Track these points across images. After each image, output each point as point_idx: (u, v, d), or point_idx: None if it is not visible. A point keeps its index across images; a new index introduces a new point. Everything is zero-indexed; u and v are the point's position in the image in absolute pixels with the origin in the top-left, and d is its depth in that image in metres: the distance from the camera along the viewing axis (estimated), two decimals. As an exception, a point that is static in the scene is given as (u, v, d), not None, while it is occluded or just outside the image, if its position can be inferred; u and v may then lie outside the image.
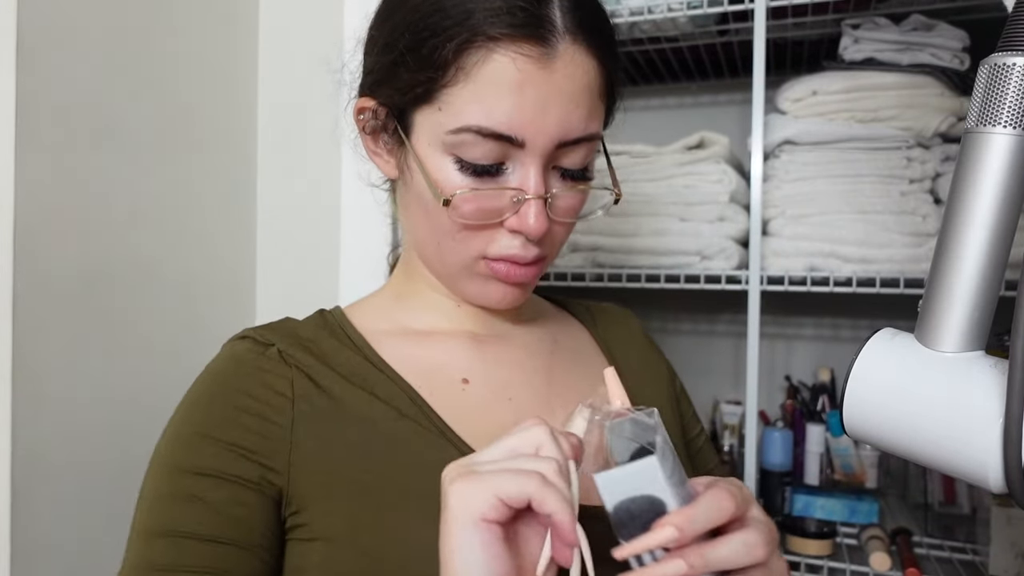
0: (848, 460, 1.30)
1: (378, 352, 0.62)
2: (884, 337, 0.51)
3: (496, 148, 0.55)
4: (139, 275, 0.96)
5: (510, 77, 0.53)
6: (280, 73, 1.19)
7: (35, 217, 0.81)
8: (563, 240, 0.63)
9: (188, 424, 0.58)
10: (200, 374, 0.61)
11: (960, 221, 0.46)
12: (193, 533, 0.53)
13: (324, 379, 0.59)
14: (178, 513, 0.54)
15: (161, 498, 0.56)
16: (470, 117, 0.54)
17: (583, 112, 0.56)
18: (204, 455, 0.55)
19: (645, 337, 0.80)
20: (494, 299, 0.62)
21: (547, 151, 0.56)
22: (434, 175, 0.57)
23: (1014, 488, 0.42)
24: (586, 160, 0.60)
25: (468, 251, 0.60)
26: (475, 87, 0.54)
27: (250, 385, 0.58)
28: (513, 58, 0.53)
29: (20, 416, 0.80)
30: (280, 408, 0.57)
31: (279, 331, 0.62)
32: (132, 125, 0.95)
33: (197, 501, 0.54)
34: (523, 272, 0.60)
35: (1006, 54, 0.45)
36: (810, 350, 1.58)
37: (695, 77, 1.55)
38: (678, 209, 1.26)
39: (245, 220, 1.18)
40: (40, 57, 0.82)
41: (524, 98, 0.53)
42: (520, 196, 0.56)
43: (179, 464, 0.56)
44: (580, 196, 0.61)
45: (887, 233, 1.14)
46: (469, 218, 0.57)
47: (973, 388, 0.45)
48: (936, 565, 1.16)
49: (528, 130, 0.54)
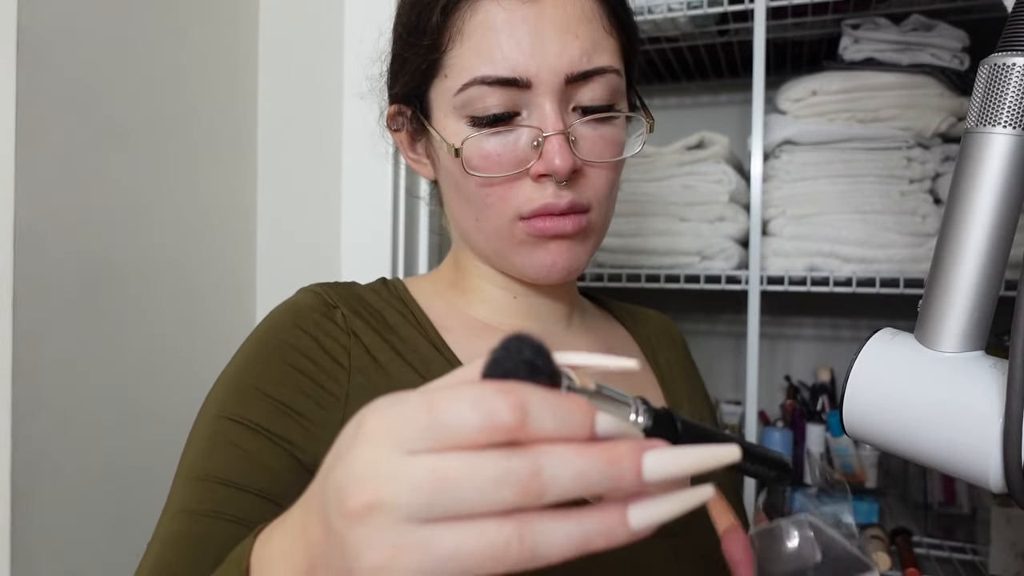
0: (848, 460, 1.30)
1: (441, 335, 0.61)
2: (884, 337, 0.51)
3: (504, 95, 0.54)
4: (139, 275, 0.96)
5: (500, 20, 0.54)
6: (280, 73, 1.19)
7: (35, 217, 0.81)
8: (608, 189, 0.60)
9: (242, 376, 0.57)
10: (262, 322, 0.60)
11: (960, 221, 0.46)
12: (226, 479, 0.53)
13: (382, 354, 0.58)
14: (215, 458, 0.54)
15: (203, 441, 0.55)
16: (473, 70, 0.54)
17: (584, 43, 0.55)
18: (253, 408, 0.55)
19: (685, 348, 0.78)
20: (544, 266, 0.59)
21: (556, 87, 0.55)
22: (450, 140, 0.57)
23: (1014, 488, 0.42)
24: (607, 98, 0.57)
25: (504, 215, 0.58)
26: (471, 42, 0.54)
27: (309, 346, 0.57)
28: (498, 0, 0.54)
29: (20, 416, 0.80)
30: (337, 377, 0.56)
31: (345, 294, 0.61)
32: (132, 125, 0.95)
33: (235, 448, 0.54)
34: (563, 223, 0.57)
35: (1006, 54, 0.45)
36: (810, 350, 1.58)
37: (695, 77, 1.56)
38: (678, 209, 1.26)
39: (245, 220, 1.18)
40: (40, 57, 0.82)
41: (518, 38, 0.54)
42: (539, 137, 0.55)
43: (226, 411, 0.55)
44: (610, 134, 0.58)
45: (887, 233, 1.14)
46: (489, 169, 0.56)
47: (973, 388, 0.45)
48: (936, 565, 1.16)
49: (530, 68, 0.54)
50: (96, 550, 0.89)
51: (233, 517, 0.52)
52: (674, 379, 0.71)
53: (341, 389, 0.56)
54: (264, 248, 1.20)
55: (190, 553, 0.52)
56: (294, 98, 1.18)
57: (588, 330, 0.70)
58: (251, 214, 1.19)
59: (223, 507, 0.52)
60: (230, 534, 0.52)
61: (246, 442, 0.54)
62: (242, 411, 0.55)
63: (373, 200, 1.14)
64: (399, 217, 1.14)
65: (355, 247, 1.15)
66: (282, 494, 0.54)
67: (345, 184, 1.15)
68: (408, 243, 1.16)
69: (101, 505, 0.90)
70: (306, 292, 0.62)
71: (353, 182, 1.15)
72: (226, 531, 0.52)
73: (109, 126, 0.91)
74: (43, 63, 0.82)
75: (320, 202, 1.17)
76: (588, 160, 0.57)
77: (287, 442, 0.55)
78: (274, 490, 0.53)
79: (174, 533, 0.53)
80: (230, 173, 1.14)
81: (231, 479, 0.53)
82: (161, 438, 0.97)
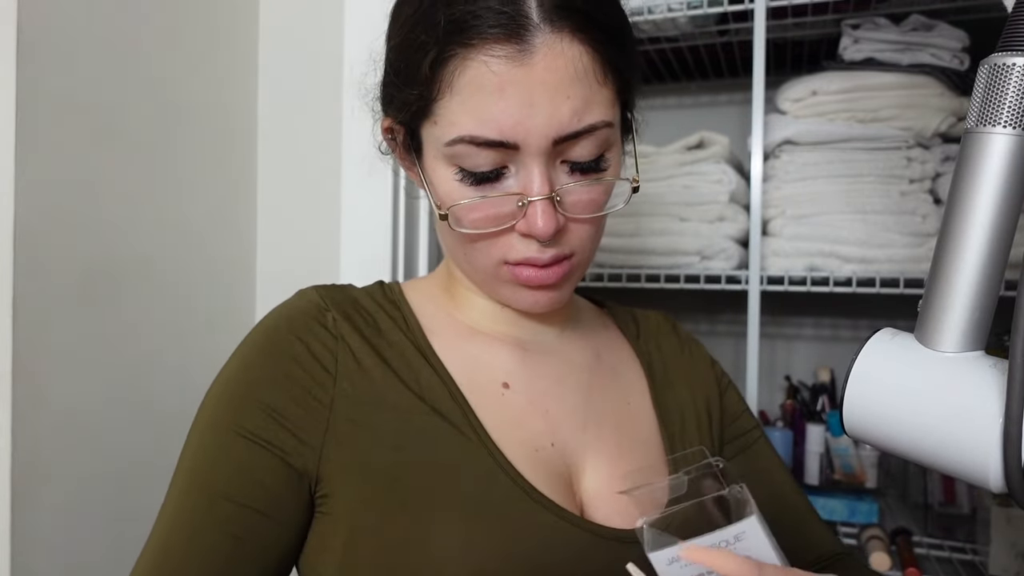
0: (848, 460, 1.30)
1: (429, 340, 0.62)
2: (884, 337, 0.51)
3: (493, 154, 0.54)
4: (139, 275, 0.96)
5: (488, 81, 0.51)
6: (280, 73, 1.19)
7: (35, 217, 0.81)
8: (592, 237, 0.60)
9: (237, 382, 0.58)
10: (257, 325, 0.61)
11: (960, 221, 0.46)
12: (227, 494, 0.54)
13: (367, 359, 0.59)
14: (211, 469, 0.55)
15: (201, 451, 0.56)
16: (461, 128, 0.53)
17: (575, 104, 0.53)
18: (245, 415, 0.56)
19: (687, 345, 0.77)
20: (527, 304, 0.61)
21: (544, 149, 0.53)
22: (439, 187, 0.57)
23: (1014, 488, 0.42)
24: (597, 151, 0.56)
25: (490, 258, 0.59)
26: (460, 97, 0.52)
27: (299, 351, 0.58)
28: (486, 61, 0.51)
29: (20, 416, 0.80)
30: (323, 384, 0.57)
31: (340, 297, 0.62)
32: (132, 124, 0.95)
33: (230, 461, 0.55)
34: (545, 274, 0.58)
35: (1006, 54, 0.45)
36: (810, 350, 1.58)
37: (695, 77, 1.56)
38: (678, 209, 1.26)
39: (245, 220, 1.18)
40: (40, 56, 0.82)
41: (507, 101, 0.51)
42: (524, 199, 0.55)
43: (220, 420, 0.56)
44: (597, 189, 0.57)
45: (887, 233, 1.14)
46: (475, 227, 0.57)
47: (973, 388, 0.45)
48: (936, 565, 1.16)
49: (518, 132, 0.52)
50: (96, 550, 0.89)
51: (233, 535, 0.54)
52: (668, 382, 0.71)
53: (327, 395, 0.57)
54: (264, 248, 1.20)
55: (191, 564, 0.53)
56: (294, 98, 1.18)
57: (580, 336, 0.70)
58: (251, 214, 1.19)
59: (225, 524, 0.54)
60: (230, 550, 0.54)
61: (243, 454, 0.55)
62: (238, 419, 0.56)
63: (373, 201, 1.14)
64: (399, 218, 1.14)
65: (355, 248, 1.15)
66: (279, 508, 0.55)
67: (345, 184, 1.15)
68: (408, 244, 1.16)
69: (101, 505, 0.90)
70: (301, 295, 0.63)
71: (353, 183, 1.15)
72: (228, 547, 0.54)
73: (109, 126, 0.91)
74: (43, 63, 0.82)
75: (320, 203, 1.17)
76: (573, 216, 0.57)
77: (281, 451, 0.55)
78: (271, 506, 0.55)
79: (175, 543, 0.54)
80: (230, 173, 1.14)
81: (231, 494, 0.54)
82: (161, 438, 0.97)
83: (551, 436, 0.61)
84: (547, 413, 0.62)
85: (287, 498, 0.56)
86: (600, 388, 0.67)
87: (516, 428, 0.59)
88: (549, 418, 0.62)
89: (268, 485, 0.55)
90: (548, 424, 0.61)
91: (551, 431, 0.61)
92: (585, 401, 0.64)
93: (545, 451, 0.59)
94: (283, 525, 0.56)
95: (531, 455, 0.58)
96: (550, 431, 0.61)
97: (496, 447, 0.57)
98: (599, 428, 0.63)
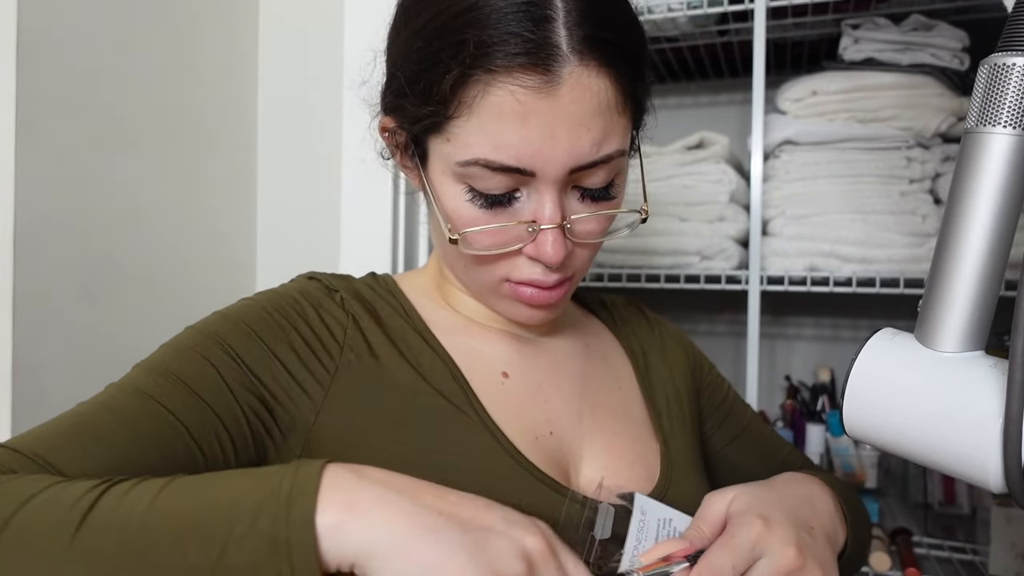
0: (848, 460, 1.30)
1: (428, 325, 0.62)
2: (884, 337, 0.51)
3: (507, 179, 0.53)
4: (139, 275, 0.96)
5: (511, 109, 0.50)
6: (280, 73, 1.19)
7: (35, 217, 0.81)
8: (590, 258, 0.62)
9: (241, 316, 0.57)
10: (258, 292, 0.61)
11: (960, 221, 0.46)
12: (190, 386, 0.51)
13: (375, 338, 0.59)
14: (190, 366, 0.53)
15: (183, 350, 0.54)
16: (477, 151, 0.52)
17: (596, 135, 0.53)
18: (241, 344, 0.55)
19: (656, 326, 0.78)
20: (523, 318, 0.62)
21: (559, 178, 0.53)
22: (447, 204, 0.56)
23: (1014, 488, 0.42)
24: (608, 179, 0.56)
25: (492, 276, 0.59)
26: (479, 120, 0.51)
27: (310, 315, 0.58)
28: (512, 90, 0.50)
29: (20, 416, 0.80)
30: (331, 350, 0.57)
31: (342, 283, 0.63)
32: (132, 125, 0.95)
33: (211, 367, 0.53)
34: (548, 295, 0.59)
35: (1006, 54, 0.45)
36: (810, 350, 1.58)
37: (695, 77, 1.56)
38: (678, 209, 1.26)
39: (245, 219, 1.18)
40: (40, 57, 0.82)
41: (529, 130, 0.51)
42: (534, 226, 0.55)
43: (216, 333, 0.55)
44: (604, 216, 0.58)
45: (887, 233, 1.14)
46: (484, 249, 0.57)
47: (973, 388, 0.45)
48: (936, 565, 1.16)
49: (536, 161, 0.52)
50: (96, 550, 0.89)
51: (183, 421, 0.50)
52: (648, 364, 0.73)
53: (332, 362, 0.57)
54: (264, 247, 1.20)
55: (126, 426, 0.49)
56: (294, 97, 1.18)
57: (568, 327, 0.71)
58: (251, 213, 1.19)
59: (179, 409, 0.50)
60: (171, 434, 0.50)
61: (223, 366, 0.53)
62: (231, 341, 0.55)
63: (373, 201, 1.14)
64: (399, 218, 1.15)
65: (355, 248, 1.15)
66: (234, 419, 0.52)
67: (345, 182, 1.16)
68: (408, 240, 1.16)
69: (101, 505, 0.90)
70: (305, 278, 0.63)
71: (353, 183, 1.15)
72: (172, 430, 0.50)
73: (109, 126, 0.91)
74: (43, 63, 0.82)
75: (320, 203, 1.17)
76: (580, 242, 0.58)
77: (263, 385, 0.54)
78: (228, 416, 0.52)
79: (118, 404, 0.50)
80: (230, 172, 1.14)
81: (195, 388, 0.52)
82: (161, 438, 0.97)
83: (550, 425, 0.61)
84: (546, 402, 0.63)
85: (246, 424, 0.53)
86: (593, 376, 0.68)
87: (517, 416, 0.60)
88: (548, 407, 0.62)
89: (237, 405, 0.52)
90: (547, 413, 0.62)
91: (550, 420, 0.62)
92: (581, 390, 0.66)
93: (544, 439, 0.60)
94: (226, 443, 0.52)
95: (532, 443, 0.59)
96: (549, 420, 0.61)
97: (499, 430, 0.57)
98: (595, 416, 0.64)
